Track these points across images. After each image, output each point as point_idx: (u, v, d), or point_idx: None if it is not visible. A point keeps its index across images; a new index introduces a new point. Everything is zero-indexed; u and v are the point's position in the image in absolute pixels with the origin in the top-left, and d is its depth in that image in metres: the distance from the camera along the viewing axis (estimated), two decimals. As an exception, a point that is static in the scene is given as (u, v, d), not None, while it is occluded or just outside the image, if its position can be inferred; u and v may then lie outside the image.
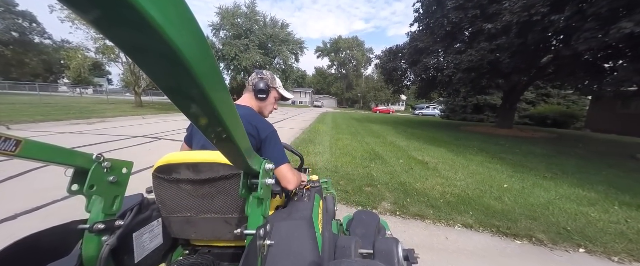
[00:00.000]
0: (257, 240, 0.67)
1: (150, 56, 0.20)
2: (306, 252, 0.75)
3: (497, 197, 3.18)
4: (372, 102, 57.29)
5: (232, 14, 33.72)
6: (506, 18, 6.95)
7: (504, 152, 6.72)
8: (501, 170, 4.68)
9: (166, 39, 0.18)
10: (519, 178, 4.11)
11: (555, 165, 5.38)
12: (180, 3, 0.19)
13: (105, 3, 0.15)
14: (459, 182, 3.75)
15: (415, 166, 4.63)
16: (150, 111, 13.97)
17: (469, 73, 9.71)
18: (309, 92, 57.65)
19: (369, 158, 5.15)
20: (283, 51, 37.02)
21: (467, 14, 9.18)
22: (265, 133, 1.10)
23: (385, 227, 1.44)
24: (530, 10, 6.33)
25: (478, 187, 3.56)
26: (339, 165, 4.41)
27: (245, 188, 0.70)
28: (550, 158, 6.31)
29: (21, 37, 34.25)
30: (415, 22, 13.13)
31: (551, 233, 2.33)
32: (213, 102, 0.28)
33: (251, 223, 0.72)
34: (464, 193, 3.25)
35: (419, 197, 3.08)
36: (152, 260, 0.94)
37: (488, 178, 4.02)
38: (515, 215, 2.65)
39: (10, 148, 0.53)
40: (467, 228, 2.42)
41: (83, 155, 0.69)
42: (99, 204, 0.73)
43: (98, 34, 13.82)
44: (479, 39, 9.13)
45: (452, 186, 3.53)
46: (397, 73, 16.14)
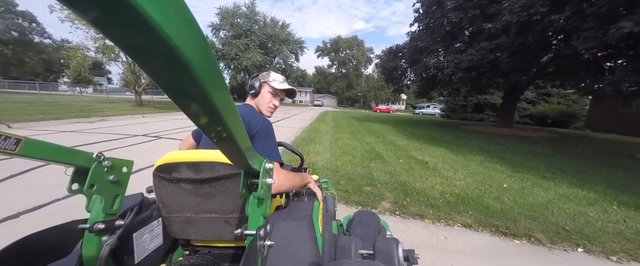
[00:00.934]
0: (257, 240, 0.66)
1: (150, 56, 0.20)
2: (306, 252, 0.75)
3: (496, 196, 3.19)
4: (372, 101, 57.29)
5: (232, 14, 33.74)
6: (506, 17, 6.95)
7: (503, 152, 6.73)
8: (501, 169, 4.69)
9: (165, 38, 0.18)
10: (518, 178, 4.12)
11: (555, 165, 5.38)
12: (179, 2, 0.19)
13: (104, 3, 0.15)
14: (458, 181, 3.76)
15: (415, 165, 4.64)
16: (150, 110, 13.97)
17: (469, 73, 9.71)
18: (309, 91, 57.64)
19: (368, 157, 5.16)
20: (283, 50, 37.08)
21: (467, 14, 9.17)
22: (255, 128, 1.07)
23: (385, 227, 1.44)
24: (530, 9, 6.32)
25: (477, 186, 3.57)
26: (339, 164, 4.42)
27: (245, 188, 0.69)
28: (549, 157, 6.32)
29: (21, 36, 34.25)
30: (415, 21, 13.12)
31: (550, 232, 2.34)
32: (213, 101, 0.27)
33: (251, 223, 0.71)
34: (463, 193, 3.26)
35: (419, 196, 3.09)
36: (152, 260, 0.94)
37: (487, 178, 4.03)
38: (514, 215, 2.66)
39: (10, 146, 0.53)
40: (466, 228, 2.43)
41: (83, 153, 0.69)
42: (99, 203, 0.72)
43: (98, 33, 13.81)
44: (479, 38, 9.13)
45: (451, 185, 3.54)
46: (397, 72, 16.15)
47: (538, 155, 6.54)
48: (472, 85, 11.82)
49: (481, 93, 17.32)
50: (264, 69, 35.63)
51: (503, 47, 7.98)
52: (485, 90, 15.62)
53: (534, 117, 20.69)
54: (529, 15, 6.34)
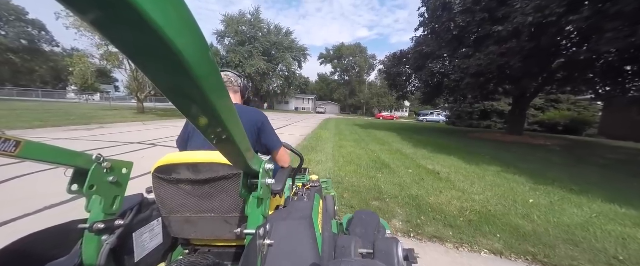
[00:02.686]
0: (256, 239, 0.67)
1: (150, 57, 0.20)
2: (306, 252, 0.73)
3: (524, 214, 2.79)
4: (375, 108, 56.96)
5: (237, 22, 34.15)
6: (518, 20, 6.62)
7: (519, 161, 6.29)
8: (521, 181, 4.27)
9: (166, 40, 0.18)
10: (543, 191, 3.70)
11: (578, 176, 4.94)
12: (180, 4, 0.19)
13: (105, 4, 0.15)
14: (477, 195, 3.36)
15: (426, 176, 4.25)
16: (152, 117, 13.85)
17: (478, 78, 9.34)
18: (312, 98, 57.61)
19: (375, 167, 4.78)
20: (286, 58, 37.24)
21: (475, 17, 8.89)
22: (260, 120, 1.23)
23: (385, 227, 1.42)
24: (544, 11, 5.99)
25: (500, 201, 3.16)
26: (343, 175, 4.05)
27: (245, 188, 0.71)
28: (569, 167, 5.87)
29: (30, 44, 35.01)
30: (420, 26, 12.87)
31: (600, 263, 1.93)
32: (213, 103, 0.27)
33: (251, 223, 0.74)
34: (485, 210, 2.86)
35: (435, 213, 2.70)
36: (151, 259, 0.94)
37: (509, 191, 3.62)
38: (550, 239, 2.25)
39: (10, 148, 0.54)
40: (495, 255, 2.04)
41: (83, 155, 0.70)
42: (98, 204, 0.73)
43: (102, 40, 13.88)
44: (487, 43, 8.82)
45: (470, 200, 3.15)
46: (402, 78, 15.85)
47: (557, 165, 6.09)
48: (480, 91, 11.36)
49: (488, 99, 16.82)
50: (267, 76, 35.77)
51: (514, 51, 7.63)
52: (492, 96, 15.13)
53: (543, 124, 20.09)
54: (544, 17, 6.01)
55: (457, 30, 9.60)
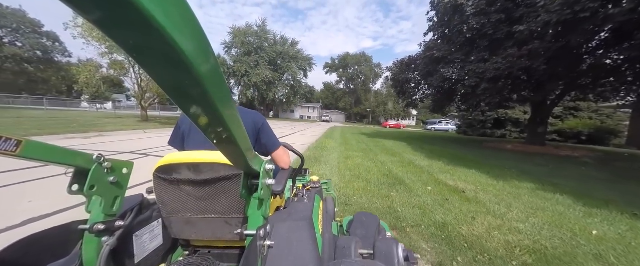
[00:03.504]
0: (257, 240, 0.68)
1: (153, 56, 0.21)
2: (306, 253, 0.71)
3: (596, 254, 2.08)
4: (382, 117, 56.10)
5: (244, 33, 34.58)
6: (542, 18, 5.98)
7: (551, 176, 5.50)
8: (566, 203, 3.52)
9: (168, 39, 0.18)
10: (601, 218, 2.96)
11: (630, 194, 4.15)
12: (182, 4, 0.19)
13: (108, 3, 0.15)
14: (520, 223, 2.66)
15: (450, 195, 3.56)
16: (154, 125, 13.61)
17: (495, 83, 8.64)
18: (317, 107, 57.31)
19: (387, 182, 4.12)
20: (292, 67, 37.28)
21: (490, 19, 8.30)
22: (260, 122, 1.25)
23: (386, 228, 1.39)
24: (574, 6, 5.35)
25: (554, 233, 2.45)
26: (350, 193, 3.41)
27: (246, 189, 0.72)
28: (614, 183, 5.05)
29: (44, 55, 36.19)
30: (430, 30, 12.36)
31: None
32: (214, 102, 0.28)
33: (251, 224, 0.77)
34: (540, 246, 2.17)
35: (473, 251, 2.03)
36: (152, 260, 0.93)
37: (558, 217, 2.90)
38: (654, 299, 1.55)
39: (10, 148, 0.53)
40: None
41: (83, 155, 0.69)
42: (99, 204, 0.73)
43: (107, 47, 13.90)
44: (505, 45, 8.17)
45: (514, 231, 2.45)
46: (410, 85, 15.21)
47: (598, 180, 5.28)
48: (498, 97, 10.54)
49: (502, 107, 15.89)
50: (273, 85, 35.74)
51: (537, 53, 6.95)
52: (507, 104, 14.20)
53: (562, 133, 18.91)
54: (574, 13, 5.36)
55: (470, 33, 9.01)
